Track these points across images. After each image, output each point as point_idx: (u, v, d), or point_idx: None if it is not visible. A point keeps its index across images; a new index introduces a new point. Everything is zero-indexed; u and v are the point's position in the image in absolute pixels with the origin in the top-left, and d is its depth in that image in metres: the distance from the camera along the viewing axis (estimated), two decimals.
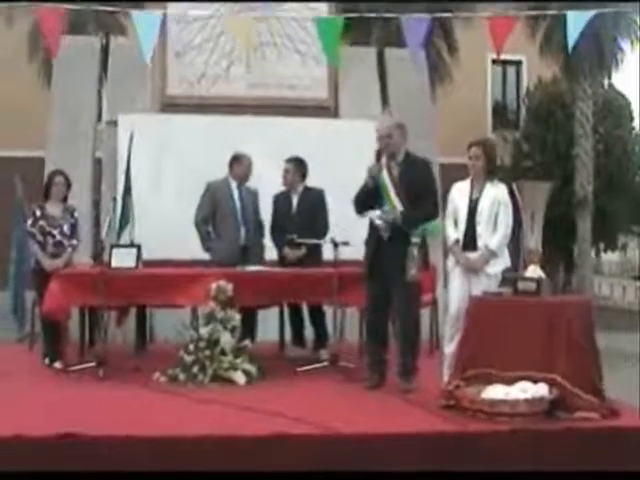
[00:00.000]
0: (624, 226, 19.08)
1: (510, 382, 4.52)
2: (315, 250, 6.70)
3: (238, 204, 6.89)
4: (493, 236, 5.31)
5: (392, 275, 5.35)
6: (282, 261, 6.86)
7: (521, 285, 4.87)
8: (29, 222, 6.44)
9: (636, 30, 15.47)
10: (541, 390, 4.43)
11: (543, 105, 17.72)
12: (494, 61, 20.54)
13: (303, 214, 6.84)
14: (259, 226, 7.06)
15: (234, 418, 4.60)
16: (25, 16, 13.13)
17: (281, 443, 4.10)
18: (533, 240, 4.93)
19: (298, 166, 6.93)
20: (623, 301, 21.20)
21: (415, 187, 5.41)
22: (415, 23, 6.73)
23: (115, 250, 5.93)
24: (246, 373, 5.58)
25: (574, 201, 15.49)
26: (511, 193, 5.22)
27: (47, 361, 6.24)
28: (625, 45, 15.56)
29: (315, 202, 6.90)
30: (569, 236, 16.29)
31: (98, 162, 8.99)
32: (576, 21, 6.38)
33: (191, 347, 5.63)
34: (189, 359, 5.59)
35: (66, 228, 6.42)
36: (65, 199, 6.59)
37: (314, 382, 5.76)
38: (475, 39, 15.89)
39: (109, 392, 5.36)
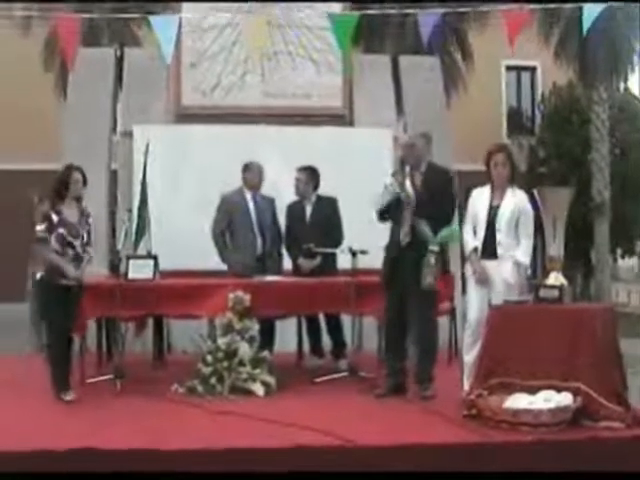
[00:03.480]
0: None
1: (533, 391, 4.46)
2: (330, 259, 6.66)
3: (254, 214, 6.86)
4: (518, 248, 5.23)
5: (409, 283, 5.35)
6: (297, 271, 6.81)
7: (543, 293, 4.81)
8: (42, 227, 5.58)
9: None
10: (565, 399, 4.37)
11: (558, 110, 17.61)
12: (508, 67, 20.51)
13: (317, 223, 6.79)
14: (277, 234, 7.02)
15: (253, 430, 4.55)
16: (41, 26, 13.20)
17: (300, 454, 4.04)
18: (555, 247, 4.87)
19: (310, 175, 6.88)
20: None
21: (435, 193, 5.39)
22: (429, 18, 6.73)
23: (132, 261, 5.92)
24: (265, 384, 5.54)
25: (591, 206, 15.36)
26: (531, 200, 5.16)
27: (56, 392, 5.52)
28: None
29: (329, 211, 6.85)
30: (586, 242, 16.15)
31: (113, 173, 9.01)
32: (590, 12, 6.40)
33: (209, 358, 5.59)
34: (207, 370, 5.55)
35: (85, 237, 5.76)
36: (79, 199, 5.89)
37: (333, 392, 5.71)
38: (489, 46, 15.89)
39: (126, 405, 5.32)
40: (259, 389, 5.53)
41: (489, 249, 5.28)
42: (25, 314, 9.21)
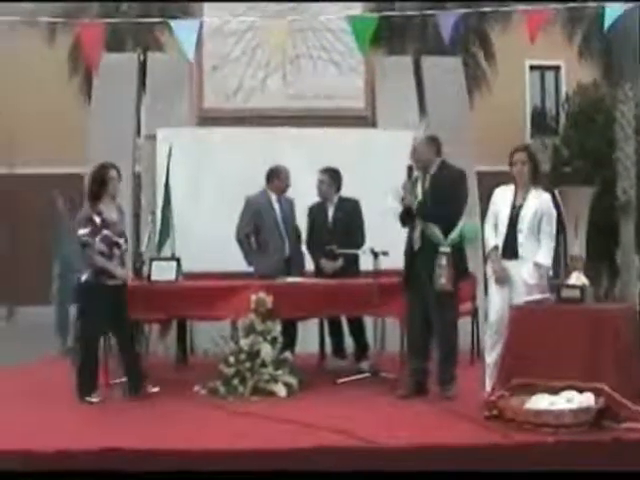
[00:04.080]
0: None
1: (555, 392, 4.44)
2: (353, 261, 6.66)
3: (280, 217, 6.87)
4: (540, 250, 5.21)
5: (426, 285, 5.42)
6: (319, 273, 6.81)
7: (565, 293, 4.78)
8: (85, 231, 5.50)
9: None
10: (587, 400, 4.34)
11: (583, 110, 17.45)
12: (532, 67, 20.35)
13: (339, 225, 6.79)
14: (298, 236, 7.03)
15: (276, 431, 4.57)
16: (66, 33, 13.33)
17: (323, 455, 4.06)
18: (577, 246, 4.84)
19: (333, 176, 6.87)
20: None
21: (443, 194, 5.42)
22: (449, 18, 6.73)
23: (155, 263, 5.99)
24: (287, 385, 5.56)
25: (617, 206, 15.19)
26: (553, 199, 5.14)
27: (81, 395, 5.53)
28: None
29: (351, 213, 6.84)
30: (611, 243, 15.97)
31: (137, 176, 9.07)
32: (612, 12, 6.40)
33: (231, 359, 5.62)
34: (229, 371, 5.59)
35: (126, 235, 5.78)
36: (115, 197, 5.79)
37: (355, 394, 5.73)
38: (512, 46, 15.73)
39: (150, 406, 5.37)
40: (281, 390, 5.56)
41: (510, 249, 5.26)
42: (49, 317, 9.30)
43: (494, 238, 5.36)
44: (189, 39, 6.57)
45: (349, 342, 6.94)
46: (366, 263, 6.34)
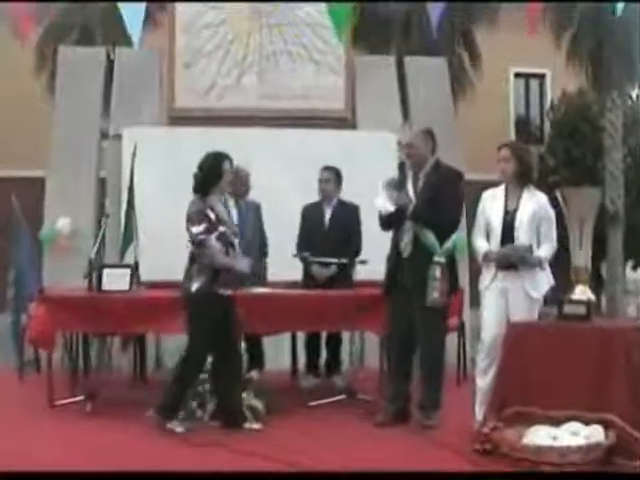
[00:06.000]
0: None
1: (557, 423, 3.87)
2: (346, 269, 6.09)
3: (236, 222, 6.28)
4: (542, 247, 4.62)
5: (413, 298, 4.85)
6: (310, 281, 6.25)
7: (567, 309, 4.20)
8: (201, 228, 4.76)
9: None
10: (595, 433, 3.77)
11: (569, 118, 17.16)
12: (517, 74, 20.14)
13: (336, 229, 6.31)
14: (262, 244, 6.47)
15: (235, 465, 4.00)
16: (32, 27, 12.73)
17: None
18: (582, 256, 4.28)
19: (336, 175, 6.42)
20: None
21: (439, 197, 4.85)
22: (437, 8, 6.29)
23: (106, 271, 5.35)
24: (252, 409, 4.93)
25: (605, 218, 14.82)
26: (553, 202, 4.56)
27: (164, 417, 4.77)
28: None
29: (350, 218, 6.35)
30: (598, 254, 15.58)
31: (102, 180, 8.56)
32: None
33: None
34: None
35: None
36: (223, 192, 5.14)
37: (329, 418, 5.23)
38: (497, 52, 15.48)
39: (95, 429, 4.81)
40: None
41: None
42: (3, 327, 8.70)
43: (485, 243, 4.78)
44: (135, 19, 6.06)
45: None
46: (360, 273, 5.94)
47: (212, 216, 4.81)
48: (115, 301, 5.29)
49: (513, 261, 4.57)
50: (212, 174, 4.92)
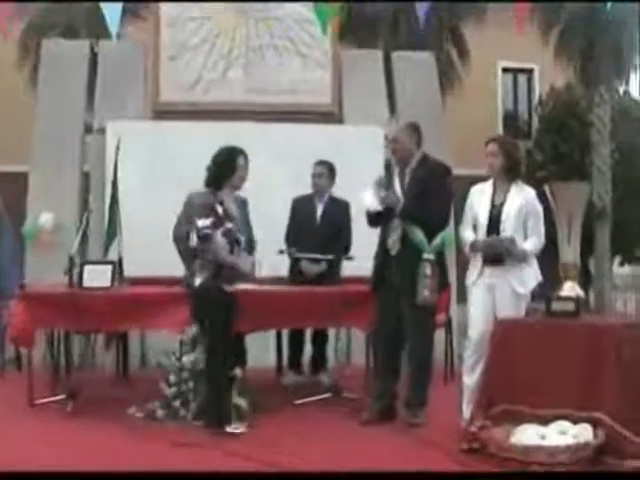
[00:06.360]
0: None
1: (545, 422, 3.80)
2: (334, 266, 5.99)
3: None
4: (528, 240, 4.58)
5: (402, 295, 4.77)
6: (296, 277, 6.14)
7: (556, 305, 4.13)
8: (207, 222, 4.67)
9: None
10: (584, 432, 3.70)
11: (557, 113, 17.13)
12: (505, 69, 20.10)
13: (327, 225, 6.22)
14: (249, 239, 6.37)
15: (216, 465, 3.90)
16: (14, 22, 12.54)
17: None
18: (570, 252, 4.21)
19: (331, 170, 6.33)
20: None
21: (427, 193, 4.77)
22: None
23: (87, 267, 5.23)
24: (236, 408, 4.83)
25: (592, 213, 14.79)
26: (542, 197, 4.49)
27: (222, 424, 4.61)
28: None
29: (341, 214, 6.27)
30: (585, 250, 15.55)
31: (85, 175, 8.42)
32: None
33: (173, 378, 4.90)
34: (170, 392, 4.87)
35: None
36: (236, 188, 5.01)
37: (314, 416, 5.13)
38: (485, 47, 15.41)
39: (76, 428, 4.70)
40: None
41: (492, 254, 4.61)
42: None
43: (472, 234, 4.72)
44: (113, 10, 5.94)
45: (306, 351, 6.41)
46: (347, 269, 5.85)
47: (220, 211, 4.73)
48: (96, 298, 5.16)
49: (499, 252, 4.53)
50: (225, 168, 4.86)
